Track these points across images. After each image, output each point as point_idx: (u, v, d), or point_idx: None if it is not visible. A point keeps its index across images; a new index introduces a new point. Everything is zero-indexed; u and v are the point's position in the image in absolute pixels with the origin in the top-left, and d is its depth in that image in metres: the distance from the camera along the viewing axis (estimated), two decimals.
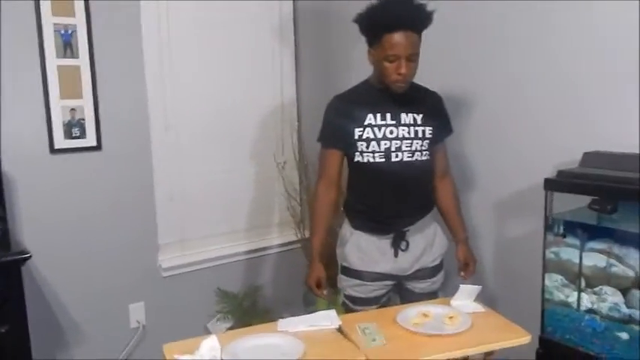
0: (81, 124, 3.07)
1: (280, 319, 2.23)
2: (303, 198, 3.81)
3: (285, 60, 3.78)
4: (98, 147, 3.13)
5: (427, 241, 2.60)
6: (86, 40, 3.03)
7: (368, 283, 2.56)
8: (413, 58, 2.34)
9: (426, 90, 2.60)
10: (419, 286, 2.63)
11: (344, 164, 2.60)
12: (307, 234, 3.70)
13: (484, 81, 2.90)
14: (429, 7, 2.35)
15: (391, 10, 2.32)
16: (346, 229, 2.63)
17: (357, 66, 2.63)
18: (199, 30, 3.44)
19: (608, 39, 2.38)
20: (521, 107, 2.76)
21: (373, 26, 2.36)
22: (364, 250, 2.56)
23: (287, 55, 3.78)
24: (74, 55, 3.01)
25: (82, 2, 2.99)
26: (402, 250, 2.54)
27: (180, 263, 3.47)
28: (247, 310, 3.55)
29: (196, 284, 3.52)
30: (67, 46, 2.99)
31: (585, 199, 2.10)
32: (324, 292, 2.60)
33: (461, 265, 2.67)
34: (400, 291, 2.69)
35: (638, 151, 2.17)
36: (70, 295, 3.13)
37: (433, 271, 2.63)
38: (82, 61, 3.04)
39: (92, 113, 3.09)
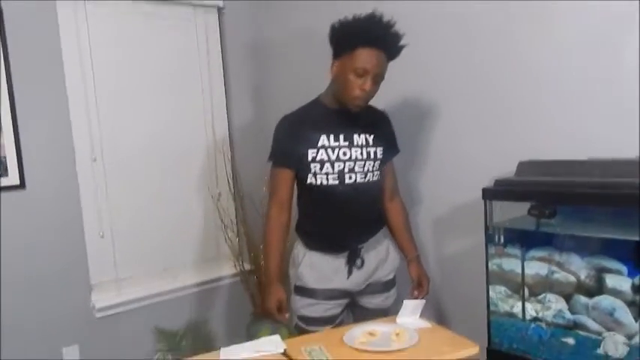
0: (2, 162, 2.95)
1: (222, 348, 2.15)
2: (240, 230, 3.74)
3: (215, 89, 3.74)
4: (22, 185, 3.02)
5: (380, 258, 2.60)
6: (4, 74, 2.93)
7: (322, 301, 2.53)
8: (377, 79, 2.35)
9: (374, 109, 2.60)
10: (372, 301, 2.62)
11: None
12: (247, 266, 3.65)
13: (416, 98, 2.92)
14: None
15: (374, 27, 2.32)
16: (299, 250, 2.60)
17: (289, 94, 2.59)
18: (124, 59, 3.39)
19: (530, 50, 2.43)
20: (452, 123, 2.79)
21: (352, 36, 2.33)
22: (318, 268, 2.53)
23: (217, 85, 3.75)
24: None
25: None
26: (358, 268, 2.53)
27: (115, 302, 3.36)
28: (187, 347, 3.43)
29: (133, 324, 3.40)
30: None
31: (524, 211, 2.10)
32: (287, 315, 2.52)
33: (414, 283, 2.65)
34: (353, 309, 2.67)
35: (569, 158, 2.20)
36: None
37: (386, 285, 2.64)
38: (2, 95, 2.93)
39: (13, 150, 2.98)
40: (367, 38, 2.29)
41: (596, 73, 2.23)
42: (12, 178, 2.99)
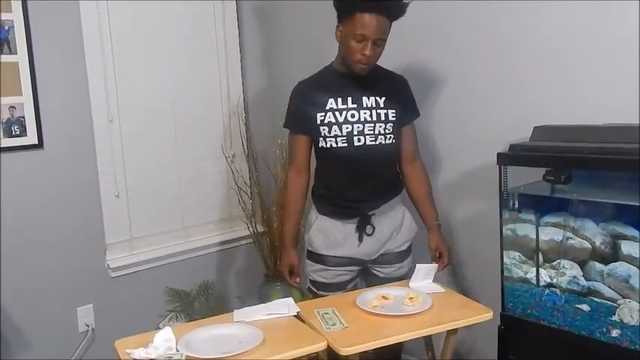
0: (21, 122, 2.95)
1: (236, 310, 2.17)
2: (254, 191, 3.74)
3: (230, 52, 3.71)
4: (40, 145, 3.02)
5: (394, 226, 2.58)
6: (24, 36, 2.92)
7: (331, 268, 2.54)
8: (379, 43, 2.34)
9: (390, 73, 2.60)
10: (384, 270, 2.60)
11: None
12: (259, 228, 3.65)
13: (430, 62, 2.89)
14: None
15: None
16: (312, 214, 2.62)
17: (302, 57, 2.56)
18: (141, 21, 3.36)
19: (544, 15, 2.40)
20: (467, 87, 2.76)
21: (350, 1, 2.32)
22: (328, 234, 2.54)
23: (232, 47, 3.72)
24: (12, 51, 2.90)
25: None
26: (368, 235, 2.52)
27: (129, 263, 3.37)
28: (200, 308, 3.47)
29: (147, 284, 3.42)
30: (4, 42, 2.87)
31: (538, 176, 2.09)
32: (298, 279, 2.57)
33: (433, 254, 2.59)
34: (366, 276, 2.67)
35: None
36: (13, 300, 2.99)
37: (399, 256, 2.61)
38: (21, 57, 2.92)
39: (32, 110, 2.97)
40: (364, 3, 2.28)
41: (610, 38, 2.20)
42: (30, 137, 2.99)
